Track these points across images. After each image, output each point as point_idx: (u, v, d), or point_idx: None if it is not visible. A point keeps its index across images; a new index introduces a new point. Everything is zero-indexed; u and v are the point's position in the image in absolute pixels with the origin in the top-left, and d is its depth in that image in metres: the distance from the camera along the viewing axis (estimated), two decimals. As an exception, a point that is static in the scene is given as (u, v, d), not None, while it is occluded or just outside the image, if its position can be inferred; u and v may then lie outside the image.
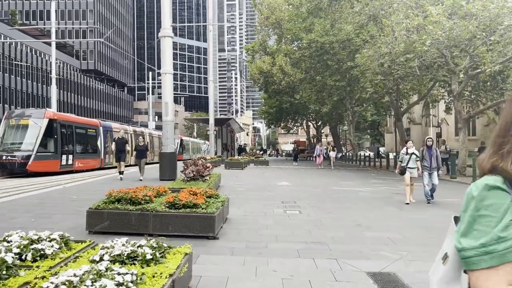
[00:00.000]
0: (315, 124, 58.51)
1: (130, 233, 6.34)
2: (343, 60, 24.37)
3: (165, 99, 17.10)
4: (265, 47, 46.55)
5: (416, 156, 10.28)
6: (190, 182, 9.88)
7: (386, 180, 17.53)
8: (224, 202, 7.30)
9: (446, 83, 23.06)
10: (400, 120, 30.24)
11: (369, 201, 10.69)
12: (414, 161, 10.27)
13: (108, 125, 28.35)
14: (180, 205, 6.48)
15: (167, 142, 16.78)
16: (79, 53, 76.06)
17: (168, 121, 16.91)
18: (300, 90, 33.83)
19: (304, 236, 6.64)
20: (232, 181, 15.73)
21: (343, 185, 14.80)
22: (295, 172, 22.56)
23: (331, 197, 11.36)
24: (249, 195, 11.56)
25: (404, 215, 8.76)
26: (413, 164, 10.29)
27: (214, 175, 12.52)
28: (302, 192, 12.42)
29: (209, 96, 32.18)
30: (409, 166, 10.24)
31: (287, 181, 15.97)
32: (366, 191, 12.85)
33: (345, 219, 8.14)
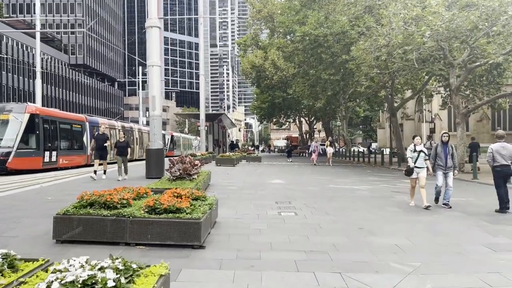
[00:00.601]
0: (308, 119, 57.88)
1: (104, 242, 5.58)
2: (338, 53, 23.65)
3: (152, 93, 16.26)
4: (257, 41, 45.70)
5: (424, 154, 9.00)
6: (176, 182, 9.11)
7: (383, 177, 16.89)
8: (212, 205, 6.55)
9: (442, 77, 22.47)
10: (394, 115, 29.67)
11: (368, 201, 10.00)
12: (422, 159, 9.00)
13: (94, 121, 27.38)
14: (161, 209, 5.71)
15: (155, 138, 15.97)
16: (68, 47, 74.47)
17: (155, 115, 16.09)
18: (293, 84, 33.07)
19: (302, 243, 5.91)
20: (222, 179, 14.97)
21: (339, 183, 14.12)
22: (289, 169, 21.85)
23: (328, 196, 10.65)
24: (240, 195, 10.81)
25: (408, 216, 8.08)
26: (421, 163, 9.00)
27: (203, 173, 11.76)
28: (296, 191, 11.70)
29: (200, 91, 31.33)
30: (417, 165, 8.97)
31: (280, 179, 15.24)
32: (364, 190, 12.17)
33: (345, 222, 7.43)
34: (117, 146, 14.93)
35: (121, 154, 14.61)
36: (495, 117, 53.05)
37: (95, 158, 14.70)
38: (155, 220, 5.57)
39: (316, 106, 31.39)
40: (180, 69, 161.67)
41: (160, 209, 5.72)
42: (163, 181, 9.29)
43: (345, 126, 38.58)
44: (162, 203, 5.79)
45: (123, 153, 14.60)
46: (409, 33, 15.96)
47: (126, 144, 14.94)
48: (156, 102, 16.18)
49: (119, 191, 6.92)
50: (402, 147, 29.73)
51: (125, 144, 14.93)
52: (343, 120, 37.76)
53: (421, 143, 9.27)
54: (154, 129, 16.07)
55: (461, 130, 18.51)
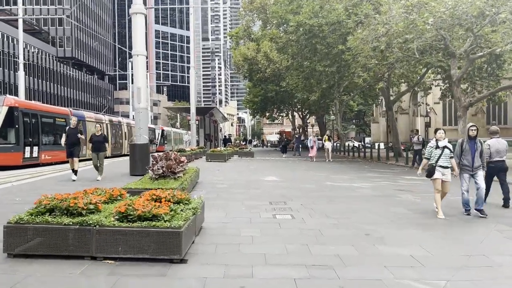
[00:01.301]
0: (301, 114, 57.01)
1: (66, 256, 4.66)
2: (333, 44, 22.73)
3: (137, 84, 15.25)
4: (249, 33, 44.58)
5: (450, 151, 7.46)
6: (159, 181, 8.18)
7: (383, 174, 16.07)
8: (197, 210, 5.63)
9: (442, 69, 21.68)
10: (391, 109, 28.90)
11: (371, 201, 9.14)
12: (447, 158, 7.43)
13: (80, 114, 26.22)
14: (134, 216, 4.79)
15: (140, 132, 15.00)
16: (55, 40, 72.67)
17: (140, 108, 15.11)
18: (287, 77, 32.11)
19: (302, 254, 5.03)
20: (212, 175, 14.04)
21: (337, 180, 13.26)
22: (283, 165, 20.97)
23: (327, 196, 9.78)
24: (231, 194, 9.91)
25: (418, 219, 7.23)
26: (445, 161, 7.43)
27: (191, 170, 10.83)
28: (292, 189, 10.82)
29: (190, 84, 30.32)
30: (440, 164, 7.41)
31: (274, 176, 14.36)
32: (365, 188, 11.32)
33: (349, 226, 6.56)
34: (92, 140, 12.84)
35: (97, 150, 12.66)
36: (490, 111, 52.71)
37: (67, 156, 12.72)
38: (127, 229, 4.65)
39: (310, 99, 30.43)
40: (172, 62, 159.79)
41: (133, 216, 4.80)
42: (144, 180, 8.34)
43: (339, 120, 37.75)
44: (136, 209, 4.87)
45: (100, 149, 12.67)
46: (410, 21, 15.10)
47: (103, 139, 12.94)
48: (141, 94, 15.19)
49: (89, 193, 5.99)
50: (398, 142, 29.01)
51: (102, 138, 12.95)
52: (337, 114, 36.94)
53: (445, 138, 7.64)
54: (140, 122, 15.11)
55: (462, 124, 17.74)
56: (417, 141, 19.76)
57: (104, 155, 12.95)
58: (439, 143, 7.53)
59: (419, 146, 19.78)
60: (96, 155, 12.72)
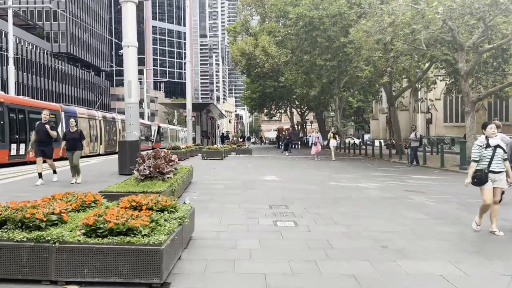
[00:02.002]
0: (300, 110, 56.12)
1: (19, 280, 3.77)
2: (334, 37, 21.81)
3: (128, 77, 14.32)
4: (247, 27, 43.60)
5: (503, 152, 5.81)
6: (145, 183, 7.27)
7: (388, 172, 15.20)
8: (184, 219, 4.74)
9: (447, 62, 20.79)
10: (393, 104, 28.00)
11: (381, 204, 8.27)
12: (500, 160, 5.80)
13: (71, 110, 25.28)
14: (105, 230, 3.89)
15: (131, 128, 14.07)
16: (50, 35, 71.44)
17: (131, 103, 14.18)
18: (285, 72, 31.16)
19: (310, 275, 4.15)
20: (207, 175, 13.14)
21: (341, 180, 12.38)
22: (282, 163, 20.07)
23: (332, 198, 8.90)
24: (227, 196, 9.02)
25: (439, 226, 6.35)
26: (498, 165, 5.79)
27: (183, 170, 9.93)
28: (293, 190, 9.94)
29: (186, 78, 29.41)
30: (493, 169, 5.76)
31: (273, 175, 13.46)
32: (372, 188, 10.44)
33: (361, 236, 5.69)
34: (66, 138, 10.91)
35: (72, 149, 10.70)
36: (491, 107, 51.85)
37: (36, 155, 10.72)
38: (95, 246, 3.75)
39: (310, 95, 29.47)
40: (169, 59, 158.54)
41: (104, 230, 3.90)
42: (127, 182, 7.43)
43: (338, 117, 36.89)
44: (108, 220, 3.97)
45: (75, 147, 10.72)
46: (417, 11, 14.19)
47: (79, 136, 10.85)
48: (132, 88, 14.26)
49: (57, 199, 5.10)
50: (400, 139, 28.19)
51: (78, 135, 10.85)
52: (337, 110, 36.06)
53: (497, 134, 6.04)
54: (130, 118, 14.19)
55: (471, 120, 16.89)
56: (415, 138, 18.62)
57: (80, 154, 11.07)
58: (490, 141, 5.86)
59: (416, 143, 18.74)
60: (71, 154, 10.77)
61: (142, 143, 41.54)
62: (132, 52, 14.46)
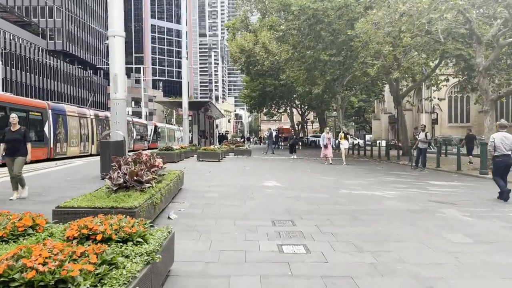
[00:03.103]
0: (300, 110, 54.67)
1: None
2: (340, 30, 20.37)
3: (113, 70, 12.89)
4: (247, 24, 42.14)
5: None
6: (118, 194, 5.83)
7: (403, 177, 13.76)
8: (154, 255, 3.31)
9: (461, 58, 19.38)
10: (400, 104, 26.57)
11: (409, 219, 6.81)
12: None
13: (60, 108, 23.82)
14: (22, 283, 2.48)
15: (117, 127, 12.65)
16: (46, 32, 69.91)
17: (117, 99, 12.75)
18: (286, 69, 29.68)
19: None
20: (201, 180, 11.69)
21: (353, 186, 10.94)
22: (283, 166, 18.61)
23: (347, 210, 7.46)
24: (220, 208, 7.60)
25: (493, 255, 4.93)
26: None
27: (171, 176, 8.51)
28: (300, 200, 8.51)
29: (182, 74, 28.07)
30: None
31: (275, 180, 12.02)
32: (391, 198, 9.00)
33: (397, 272, 4.25)
34: (5, 140, 8.25)
35: (13, 153, 8.22)
36: (497, 108, 50.44)
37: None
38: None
39: (313, 93, 27.94)
40: (168, 58, 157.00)
41: (20, 284, 2.49)
42: (96, 194, 5.96)
43: (341, 117, 35.43)
44: (29, 267, 2.55)
45: (17, 151, 8.23)
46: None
47: (21, 137, 8.32)
48: (118, 82, 12.83)
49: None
50: (407, 140, 26.80)
51: (20, 136, 8.32)
52: (340, 109, 34.62)
53: None
54: (116, 116, 12.73)
55: (490, 119, 15.48)
56: (425, 139, 16.69)
57: (24, 161, 8.37)
58: None
59: (425, 144, 16.83)
60: (11, 161, 8.23)
61: (137, 143, 40.21)
62: (118, 42, 13.01)
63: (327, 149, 19.43)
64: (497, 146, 8.49)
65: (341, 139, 20.87)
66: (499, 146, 8.47)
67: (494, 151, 8.56)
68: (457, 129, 50.18)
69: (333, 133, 30.27)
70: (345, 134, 20.99)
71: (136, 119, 42.42)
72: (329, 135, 19.90)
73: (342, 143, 20.68)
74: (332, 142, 19.79)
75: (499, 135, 8.57)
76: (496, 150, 8.51)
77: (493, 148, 8.55)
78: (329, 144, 19.46)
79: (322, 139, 19.79)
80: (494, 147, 8.54)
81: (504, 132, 8.61)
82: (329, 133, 20.08)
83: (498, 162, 8.52)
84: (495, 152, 8.55)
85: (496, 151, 8.52)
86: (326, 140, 19.52)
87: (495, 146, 8.52)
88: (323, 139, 19.69)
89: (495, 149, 8.53)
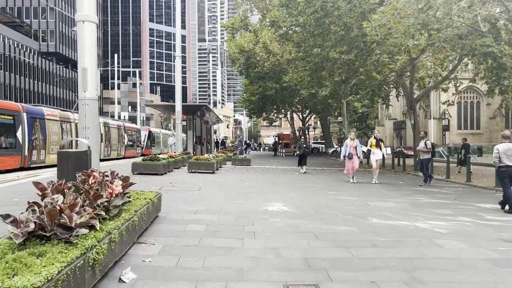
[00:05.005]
0: (301, 115, 52.27)
1: None
2: (351, 24, 17.98)
3: (82, 64, 10.40)
4: (246, 24, 39.83)
5: None
6: (28, 250, 3.36)
7: (437, 196, 11.25)
8: None
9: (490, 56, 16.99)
10: (413, 108, 24.14)
11: (501, 284, 4.34)
12: None
13: (37, 111, 21.34)
14: None
15: (86, 133, 10.22)
16: (38, 34, 67.59)
17: (87, 99, 10.26)
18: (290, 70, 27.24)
19: None
20: (186, 202, 9.16)
21: (385, 212, 8.40)
22: (288, 179, 16.04)
23: (397, 263, 4.95)
24: (206, 254, 5.09)
25: None
26: None
27: (140, 202, 6.04)
28: (321, 239, 6.01)
29: (176, 75, 25.74)
30: None
31: (282, 202, 9.47)
32: (446, 233, 6.48)
33: None
34: None
35: None
36: (509, 114, 48.06)
37: None
38: None
39: (320, 95, 25.42)
40: (166, 62, 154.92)
41: None
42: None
43: (346, 122, 32.99)
44: None
45: None
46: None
47: None
48: (88, 79, 10.36)
49: None
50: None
51: None
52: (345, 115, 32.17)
53: None
54: (85, 119, 10.28)
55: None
56: (424, 148, 14.21)
57: None
58: None
59: (428, 155, 14.29)
60: None
61: (129, 150, 37.66)
62: (89, 29, 10.52)
63: (352, 161, 14.60)
64: (501, 157, 8.57)
65: (371, 146, 15.04)
66: (502, 158, 8.56)
67: (499, 162, 8.60)
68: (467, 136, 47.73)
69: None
70: (377, 140, 15.01)
71: (128, 124, 39.93)
72: (355, 144, 14.88)
73: (374, 152, 14.90)
74: (359, 152, 14.81)
75: (504, 146, 8.61)
76: (501, 161, 8.57)
77: (498, 159, 8.61)
78: (355, 155, 14.63)
79: (345, 147, 14.91)
80: (499, 158, 8.60)
81: (508, 142, 8.61)
82: (355, 140, 15.06)
83: (503, 172, 8.59)
84: (500, 163, 8.60)
85: (501, 162, 8.57)
86: (350, 150, 14.68)
87: (500, 157, 8.59)
88: (346, 148, 14.79)
89: (500, 160, 8.59)
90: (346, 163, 14.98)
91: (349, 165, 14.70)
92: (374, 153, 14.85)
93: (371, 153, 15.03)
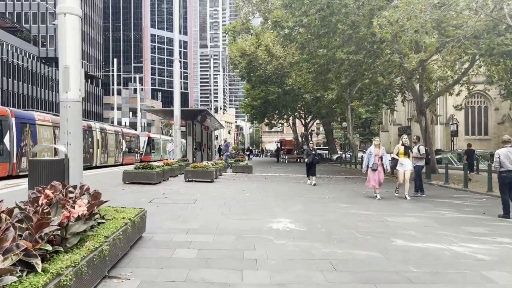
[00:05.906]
0: (304, 120, 51.13)
1: None
2: (360, 23, 16.89)
3: (64, 62, 9.20)
4: (248, 27, 38.84)
5: None
6: None
7: (463, 210, 10.04)
8: None
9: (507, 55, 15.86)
10: (423, 113, 22.98)
11: None
12: None
13: (27, 116, 20.29)
14: None
15: (67, 139, 9.07)
16: (37, 39, 66.88)
17: (69, 101, 9.11)
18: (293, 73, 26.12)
19: None
20: (177, 217, 7.97)
21: (408, 231, 7.17)
22: (294, 189, 14.81)
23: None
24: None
25: None
26: None
27: (117, 223, 4.91)
28: (339, 270, 4.84)
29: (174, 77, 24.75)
30: None
31: (288, 217, 8.26)
32: (489, 260, 5.32)
33: None
34: None
35: None
36: (516, 119, 46.76)
37: None
38: None
39: (326, 98, 24.24)
40: (168, 68, 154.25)
41: None
42: None
43: (351, 128, 31.83)
44: None
45: None
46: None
47: None
48: (71, 78, 9.23)
49: None
50: (433, 155, 23.20)
51: None
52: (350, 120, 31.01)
53: None
54: (67, 124, 9.08)
55: None
56: (418, 154, 12.60)
57: None
58: None
59: (421, 161, 12.68)
60: None
61: (127, 156, 36.54)
62: (71, 23, 9.38)
63: (377, 172, 11.88)
64: (502, 162, 8.46)
65: (399, 155, 12.35)
66: (504, 162, 8.44)
67: (500, 167, 8.50)
68: (475, 142, 46.53)
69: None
70: (406, 147, 12.36)
71: (126, 130, 38.85)
72: (381, 152, 12.04)
73: (402, 162, 12.22)
74: (385, 161, 12.00)
75: (504, 150, 8.50)
76: (502, 166, 8.47)
77: (499, 164, 8.50)
78: (380, 166, 11.93)
79: (368, 156, 12.08)
80: (499, 163, 8.49)
81: (509, 147, 8.52)
82: (380, 147, 12.23)
83: (504, 178, 8.50)
84: (500, 168, 8.49)
85: (502, 167, 8.48)
86: (375, 159, 11.91)
87: (501, 162, 8.48)
88: (370, 157, 11.97)
89: (501, 165, 8.48)
90: (368, 175, 12.13)
91: (373, 177, 11.91)
92: (402, 164, 12.18)
93: (399, 163, 12.28)
